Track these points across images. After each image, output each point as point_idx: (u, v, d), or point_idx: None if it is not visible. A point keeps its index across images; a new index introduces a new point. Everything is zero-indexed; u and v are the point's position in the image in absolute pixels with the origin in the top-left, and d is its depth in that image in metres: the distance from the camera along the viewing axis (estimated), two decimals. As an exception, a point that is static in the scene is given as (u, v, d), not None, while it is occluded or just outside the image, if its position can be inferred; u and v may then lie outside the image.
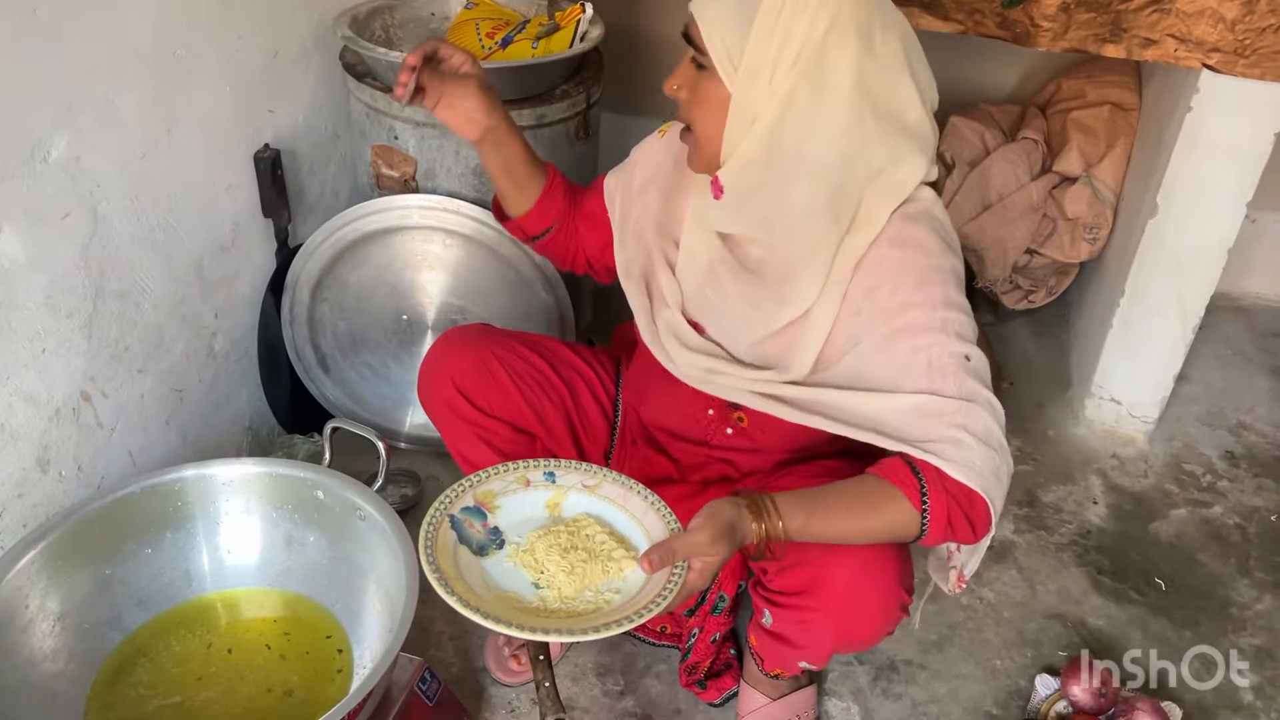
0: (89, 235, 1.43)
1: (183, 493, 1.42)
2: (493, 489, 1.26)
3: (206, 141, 1.64)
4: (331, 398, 1.97)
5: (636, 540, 1.22)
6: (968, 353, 1.15)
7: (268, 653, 1.39)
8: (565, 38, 1.84)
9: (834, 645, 1.33)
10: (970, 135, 2.38)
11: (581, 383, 1.54)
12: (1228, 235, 1.93)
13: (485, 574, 1.18)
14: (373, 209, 1.83)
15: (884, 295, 1.18)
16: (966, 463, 1.10)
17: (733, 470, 1.46)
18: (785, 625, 1.33)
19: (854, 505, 1.15)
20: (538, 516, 1.25)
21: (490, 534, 1.22)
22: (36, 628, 1.28)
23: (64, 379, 1.43)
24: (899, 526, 1.14)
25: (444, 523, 1.19)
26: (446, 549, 1.16)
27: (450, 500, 1.22)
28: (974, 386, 1.13)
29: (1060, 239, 2.31)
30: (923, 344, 1.15)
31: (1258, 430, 2.29)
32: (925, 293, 1.16)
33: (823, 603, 1.25)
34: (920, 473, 1.12)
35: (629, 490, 1.26)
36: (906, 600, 1.27)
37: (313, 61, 1.88)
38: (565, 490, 1.28)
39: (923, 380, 1.14)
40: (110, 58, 1.40)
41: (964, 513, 1.12)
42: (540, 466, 1.29)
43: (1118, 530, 2.00)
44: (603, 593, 1.16)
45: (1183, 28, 1.72)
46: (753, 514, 1.11)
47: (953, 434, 1.11)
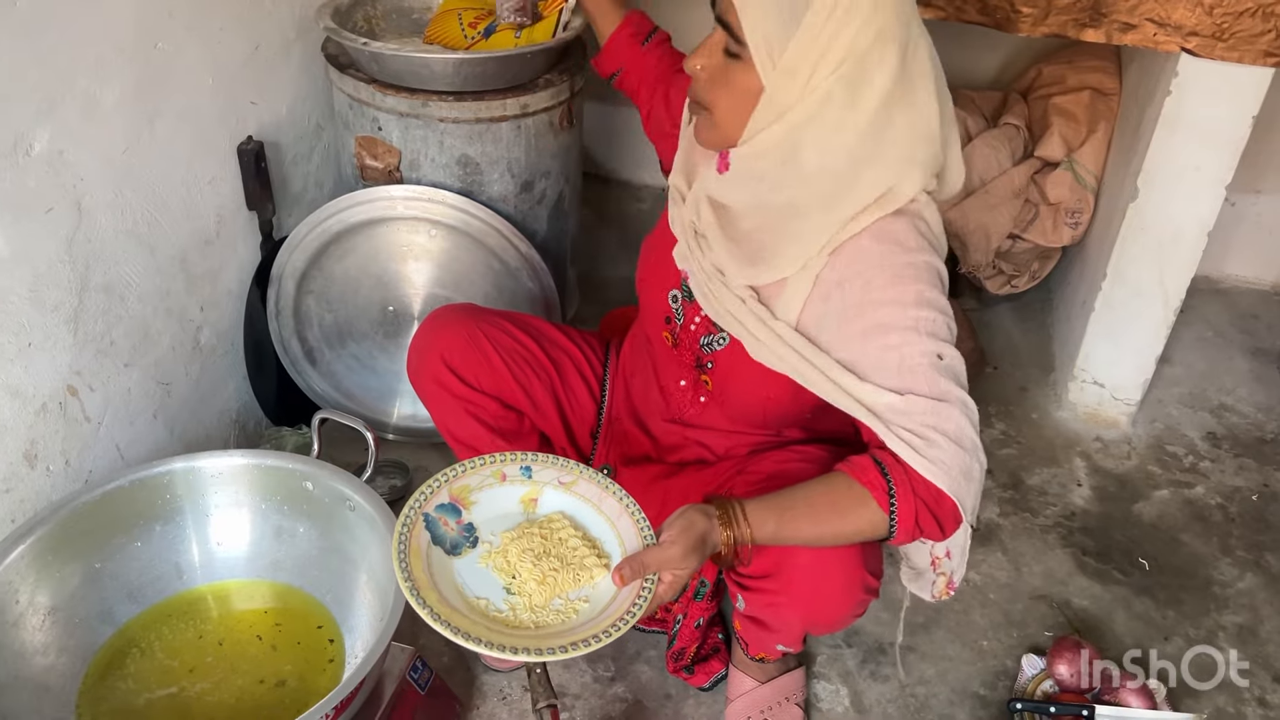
0: (73, 229, 1.42)
1: (171, 485, 1.42)
2: (469, 484, 1.24)
3: (189, 134, 1.63)
4: (319, 390, 1.97)
5: (608, 543, 1.21)
6: (940, 351, 1.13)
7: (259, 644, 1.39)
8: (548, 27, 1.84)
9: (802, 627, 1.35)
10: (952, 121, 2.39)
11: (569, 362, 1.55)
12: (1207, 218, 1.94)
13: (456, 575, 1.17)
14: (357, 200, 1.83)
15: (856, 289, 1.16)
16: (936, 461, 1.09)
17: (708, 453, 1.48)
18: (756, 609, 1.35)
19: (822, 511, 1.15)
20: (512, 512, 1.25)
21: (464, 531, 1.21)
22: (27, 622, 1.28)
23: (49, 373, 1.43)
24: (867, 528, 1.13)
25: (418, 523, 1.18)
26: (419, 552, 1.15)
27: (425, 497, 1.20)
28: (946, 386, 1.12)
29: (1042, 224, 2.33)
30: (894, 343, 1.13)
31: (1239, 411, 2.32)
32: (898, 290, 1.14)
33: (786, 585, 1.26)
34: (888, 473, 1.11)
35: (605, 490, 1.25)
36: (872, 583, 1.27)
37: (295, 53, 1.87)
38: (541, 486, 1.27)
39: (894, 379, 1.12)
40: (91, 51, 1.40)
41: (931, 513, 1.11)
42: (517, 461, 1.27)
43: (1101, 512, 2.02)
44: (572, 600, 1.15)
45: (1161, 12, 1.74)
46: (723, 523, 1.12)
47: (924, 433, 1.10)
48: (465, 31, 1.86)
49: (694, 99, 1.22)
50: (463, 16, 1.87)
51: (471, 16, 1.87)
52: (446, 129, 1.78)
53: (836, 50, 1.10)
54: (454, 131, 1.78)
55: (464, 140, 1.80)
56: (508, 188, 1.87)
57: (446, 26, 1.87)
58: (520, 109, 1.80)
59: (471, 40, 1.85)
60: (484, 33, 1.85)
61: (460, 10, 1.89)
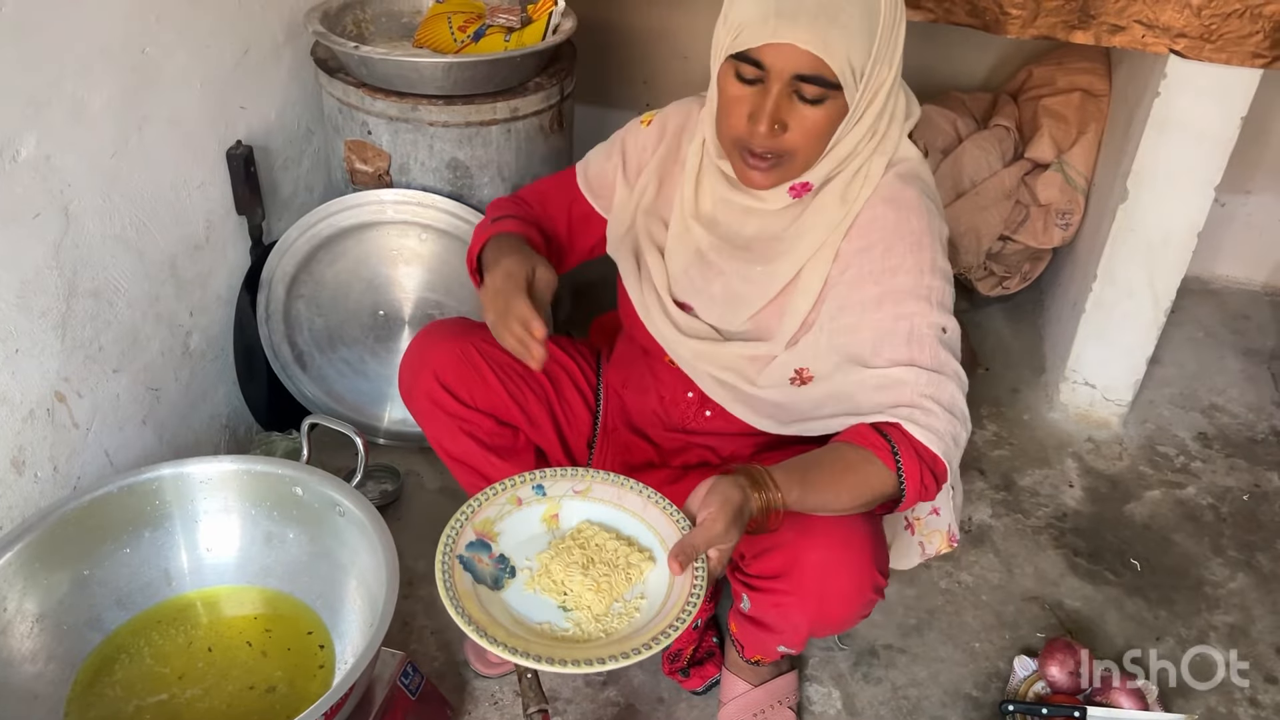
0: (60, 234, 1.42)
1: (160, 492, 1.42)
2: (489, 516, 1.21)
3: (178, 139, 1.63)
4: (309, 394, 1.97)
5: (644, 538, 1.21)
6: (945, 324, 1.22)
7: (249, 650, 1.39)
8: (538, 30, 1.84)
9: (810, 628, 1.34)
10: (942, 123, 2.40)
11: (563, 373, 1.54)
12: (1197, 219, 1.95)
13: (510, 609, 1.14)
14: (347, 204, 1.83)
15: (876, 255, 1.23)
16: (931, 428, 1.17)
17: (712, 455, 1.48)
18: (762, 609, 1.35)
19: (839, 473, 1.17)
20: (538, 533, 1.23)
21: (498, 563, 1.18)
22: (15, 629, 1.28)
23: (37, 379, 1.42)
24: (881, 489, 1.17)
25: (455, 567, 1.14)
26: (470, 595, 1.12)
27: (452, 541, 1.16)
28: (945, 358, 1.20)
29: (1033, 225, 2.33)
30: (906, 312, 1.21)
31: (1230, 411, 2.32)
32: (916, 257, 1.22)
33: (796, 585, 1.26)
34: (889, 437, 1.17)
35: (622, 487, 1.25)
36: (881, 582, 1.28)
37: (284, 57, 1.87)
38: (558, 500, 1.25)
39: (901, 350, 1.20)
40: (78, 55, 1.39)
41: (932, 473, 1.18)
42: (528, 481, 1.25)
43: (1093, 512, 2.02)
44: (629, 600, 1.15)
45: (1150, 14, 1.74)
46: (755, 488, 1.12)
47: (921, 401, 1.18)
48: (455, 35, 1.86)
49: (769, 150, 1.19)
50: (452, 20, 1.87)
51: (461, 20, 1.87)
52: (436, 133, 1.78)
53: (899, 48, 1.17)
54: (444, 135, 1.78)
55: (454, 144, 1.79)
56: (498, 191, 1.86)
57: (436, 30, 1.87)
58: (510, 113, 1.80)
59: (461, 44, 1.85)
60: (474, 36, 1.85)
61: (450, 14, 1.89)
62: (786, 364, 1.29)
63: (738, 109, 1.18)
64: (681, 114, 1.40)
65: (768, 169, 1.21)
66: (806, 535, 1.23)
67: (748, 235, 1.31)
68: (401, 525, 1.85)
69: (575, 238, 1.50)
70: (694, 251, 1.35)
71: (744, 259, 1.31)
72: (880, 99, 1.19)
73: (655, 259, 1.38)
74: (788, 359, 1.29)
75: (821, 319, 1.27)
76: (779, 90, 1.14)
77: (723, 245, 1.32)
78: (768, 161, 1.20)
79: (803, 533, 1.22)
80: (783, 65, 1.13)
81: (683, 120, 1.39)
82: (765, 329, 1.32)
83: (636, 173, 1.43)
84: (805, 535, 1.23)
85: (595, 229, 1.48)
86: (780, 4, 1.11)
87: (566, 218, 1.48)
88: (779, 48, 1.12)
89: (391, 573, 1.25)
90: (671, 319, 1.37)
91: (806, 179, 1.24)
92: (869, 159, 1.24)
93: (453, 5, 1.92)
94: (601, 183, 1.47)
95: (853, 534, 1.23)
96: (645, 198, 1.40)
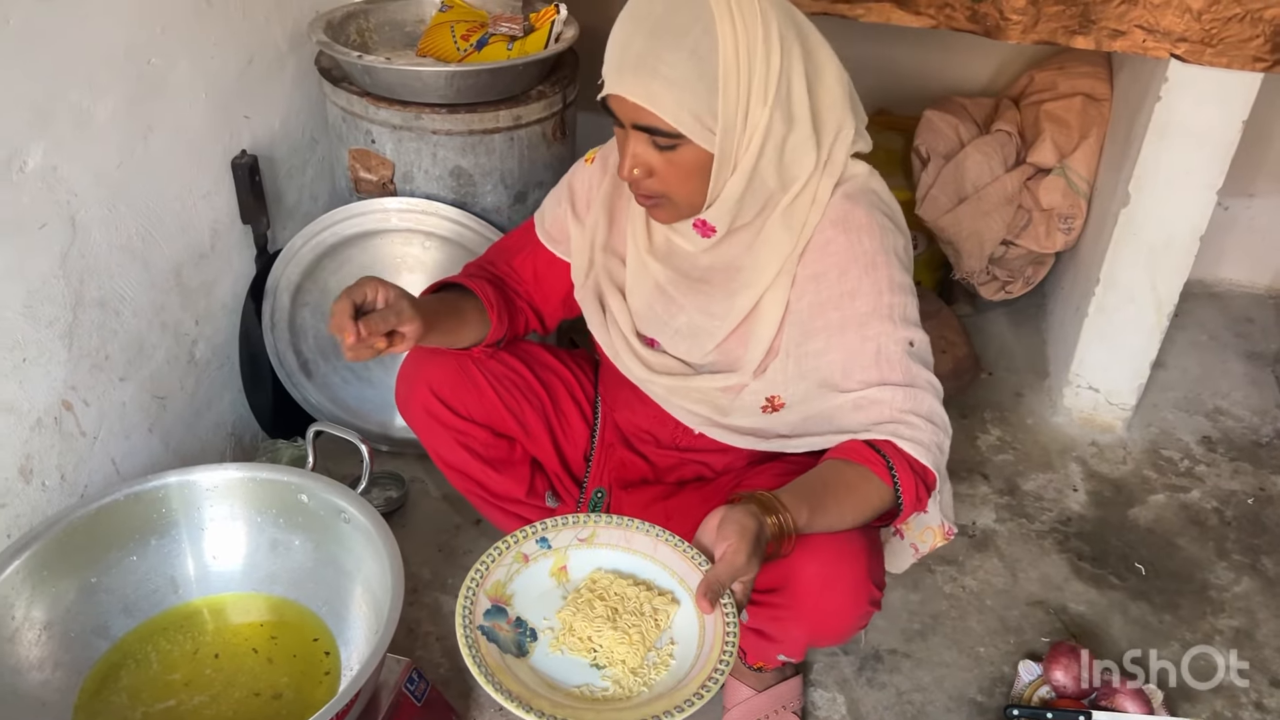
0: (67, 244, 1.43)
1: (167, 499, 1.42)
2: (498, 579, 1.17)
3: (183, 148, 1.64)
4: (314, 402, 1.98)
5: (661, 580, 1.18)
6: (911, 338, 1.23)
7: (255, 657, 1.39)
8: (540, 39, 1.84)
9: (807, 639, 1.34)
10: (944, 128, 2.40)
11: (560, 385, 1.55)
12: (1199, 222, 1.95)
13: (541, 675, 1.10)
14: (351, 213, 1.84)
15: (831, 281, 1.24)
16: (917, 440, 1.19)
17: (707, 470, 1.48)
18: (760, 621, 1.34)
19: (842, 492, 1.18)
20: (549, 589, 1.18)
21: (517, 627, 1.14)
22: (22, 637, 1.28)
23: (45, 388, 1.43)
24: (880, 505, 1.19)
25: (480, 640, 1.09)
26: (502, 668, 1.07)
27: (469, 611, 1.12)
28: (915, 370, 1.22)
29: (1036, 230, 2.33)
30: (871, 334, 1.22)
31: (1234, 415, 2.32)
32: (872, 278, 1.23)
33: (793, 598, 1.25)
34: (881, 450, 1.18)
35: (627, 529, 1.21)
36: (876, 595, 1.27)
37: (288, 67, 1.88)
38: (564, 551, 1.21)
39: (871, 371, 1.22)
40: (84, 66, 1.40)
41: (924, 484, 1.19)
42: (530, 536, 1.21)
43: (1097, 517, 2.02)
44: (660, 649, 1.12)
45: (1150, 18, 1.75)
46: (766, 513, 1.11)
47: (902, 416, 1.20)
48: (458, 44, 1.86)
49: (643, 194, 1.22)
50: (455, 29, 1.88)
51: (464, 29, 1.88)
52: (439, 141, 1.79)
53: (758, 85, 1.15)
54: (447, 144, 1.79)
55: (457, 152, 1.80)
56: (501, 199, 1.87)
57: (439, 39, 1.88)
58: (513, 121, 1.81)
59: (464, 53, 1.86)
60: (476, 45, 1.86)
61: (453, 23, 1.90)
62: (757, 392, 1.30)
63: (620, 150, 1.20)
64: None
65: (653, 207, 1.24)
66: (802, 548, 1.20)
67: (704, 267, 1.31)
68: (407, 532, 1.86)
69: (545, 287, 1.49)
70: (653, 286, 1.35)
71: (703, 291, 1.32)
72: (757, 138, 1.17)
73: (617, 300, 1.39)
74: (758, 387, 1.30)
75: (787, 345, 1.27)
76: (630, 137, 1.17)
77: (680, 279, 1.33)
78: (650, 200, 1.22)
79: (799, 546, 1.20)
80: (624, 115, 1.15)
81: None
82: (732, 359, 1.32)
83: (586, 210, 1.43)
84: (801, 548, 1.20)
85: (563, 276, 1.47)
86: (611, 58, 1.14)
87: (533, 268, 1.48)
88: (616, 99, 1.14)
89: (397, 579, 1.26)
90: (640, 358, 1.38)
91: (706, 219, 1.24)
92: (817, 181, 1.24)
93: (456, 14, 1.93)
94: (558, 229, 1.46)
95: (847, 548, 1.22)
96: (598, 235, 1.40)
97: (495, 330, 1.44)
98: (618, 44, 1.14)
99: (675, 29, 1.10)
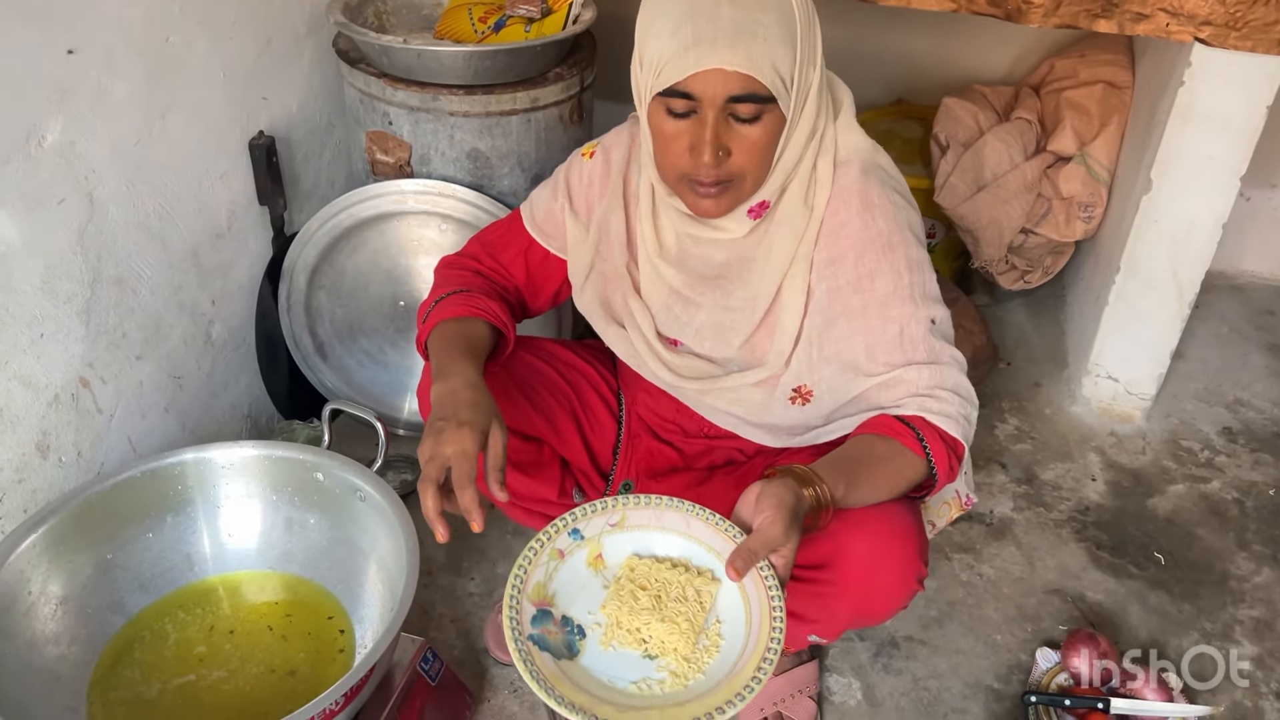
0: (85, 220, 1.43)
1: (183, 476, 1.42)
2: (538, 580, 1.14)
3: (201, 128, 1.64)
4: (329, 384, 1.98)
5: (697, 558, 1.16)
6: (933, 315, 1.23)
7: (270, 634, 1.39)
8: (558, 21, 1.84)
9: (850, 619, 1.31)
10: (964, 116, 2.38)
11: (584, 382, 1.52)
12: (1222, 209, 1.93)
13: (596, 676, 1.08)
14: (368, 195, 1.84)
15: (849, 264, 1.23)
16: (945, 413, 1.19)
17: (738, 454, 1.47)
18: (799, 599, 1.30)
19: (875, 465, 1.18)
20: (589, 581, 1.16)
21: (564, 627, 1.12)
22: (39, 611, 1.28)
23: (62, 364, 1.43)
24: (913, 477, 1.19)
25: (532, 650, 1.06)
26: (559, 677, 1.05)
27: (516, 621, 1.08)
28: (939, 347, 1.22)
29: (1055, 218, 2.31)
30: (893, 315, 1.22)
31: (1255, 406, 2.30)
32: (890, 259, 1.22)
33: (841, 575, 1.23)
34: (911, 424, 1.18)
35: (657, 508, 1.18)
36: (924, 573, 1.26)
37: (306, 48, 1.88)
38: (597, 540, 1.18)
39: (896, 353, 1.22)
40: (102, 44, 1.40)
41: (955, 454, 1.19)
42: (562, 530, 1.17)
43: (1116, 506, 2.00)
44: (708, 629, 1.11)
45: (1174, 2, 1.73)
46: (804, 486, 1.10)
47: (929, 391, 1.20)
48: (475, 25, 1.86)
49: (722, 177, 1.16)
50: (473, 11, 1.88)
51: (482, 11, 1.88)
52: (457, 123, 1.78)
53: (819, 47, 1.17)
54: (464, 125, 1.79)
55: (474, 134, 1.80)
56: (518, 182, 1.87)
57: (457, 21, 1.88)
58: (530, 103, 1.80)
59: (482, 34, 1.85)
60: (494, 26, 1.85)
61: (470, 5, 1.89)
62: (785, 385, 1.29)
63: (676, 145, 1.16)
64: (623, 143, 1.37)
65: (718, 195, 1.19)
66: (851, 525, 1.20)
67: (719, 263, 1.29)
68: (421, 515, 1.85)
69: (537, 282, 1.44)
70: (668, 290, 1.33)
71: (721, 288, 1.30)
72: (813, 101, 1.18)
73: (637, 303, 1.35)
74: (786, 379, 1.29)
75: (809, 333, 1.26)
76: (715, 117, 1.12)
77: (695, 281, 1.31)
78: (717, 188, 1.18)
79: (846, 523, 1.19)
80: (714, 91, 1.10)
81: (625, 150, 1.36)
82: (759, 352, 1.31)
83: (586, 207, 1.39)
84: (850, 525, 1.20)
85: (556, 271, 1.43)
86: (697, 32, 1.09)
87: (524, 264, 1.43)
88: (706, 75, 1.09)
89: (412, 557, 1.26)
90: (666, 364, 1.35)
91: (761, 197, 1.22)
92: (815, 161, 1.23)
93: (473, -3, 1.93)
94: (551, 224, 1.42)
95: (897, 524, 1.22)
96: (615, 234, 1.36)
97: (506, 346, 1.39)
98: (704, 16, 1.09)
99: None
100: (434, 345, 1.29)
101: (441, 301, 1.34)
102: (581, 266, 1.40)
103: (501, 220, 1.48)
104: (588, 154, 1.40)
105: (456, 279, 1.39)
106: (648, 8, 1.17)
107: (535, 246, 1.43)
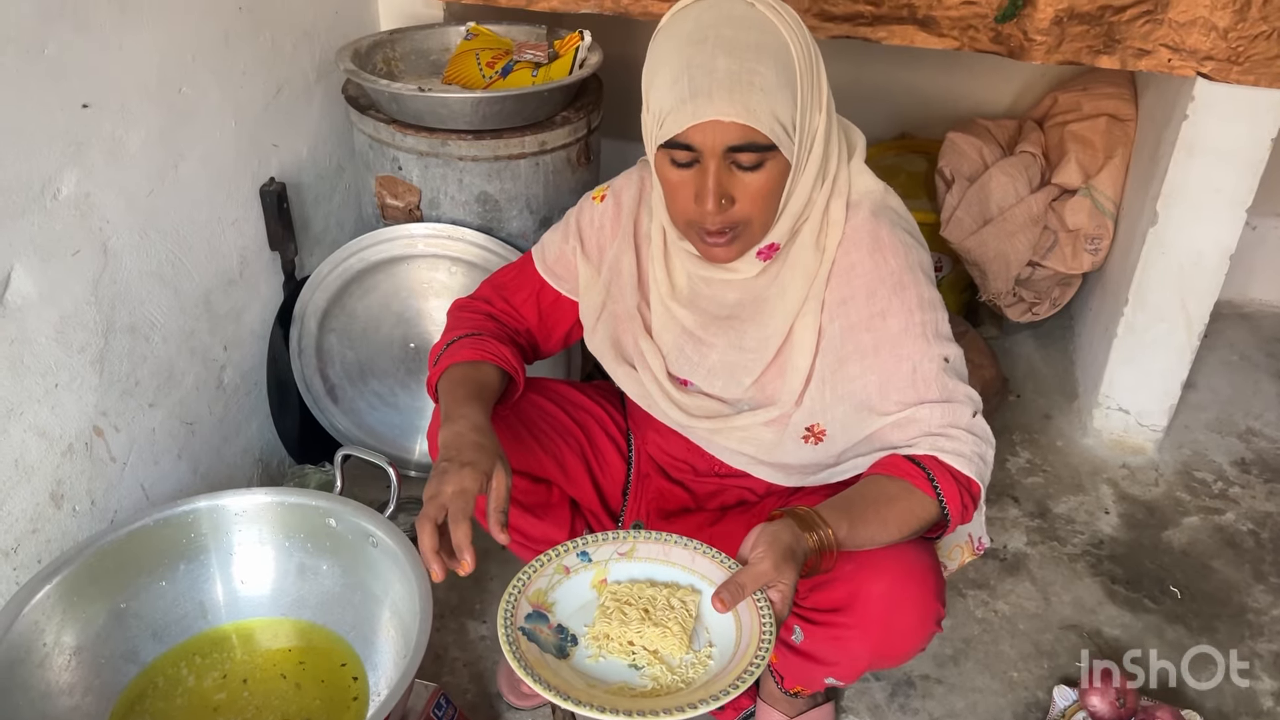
0: (99, 271, 1.44)
1: (196, 524, 1.43)
2: (540, 587, 1.17)
3: (212, 176, 1.66)
4: (341, 427, 1.98)
5: (699, 588, 1.18)
6: (946, 354, 1.23)
7: (283, 682, 1.39)
8: (565, 65, 1.86)
9: (869, 661, 1.30)
10: (968, 150, 2.40)
11: (594, 423, 1.52)
12: (1228, 241, 1.93)
13: (581, 674, 1.11)
14: (378, 239, 1.85)
15: (860, 304, 1.23)
16: (958, 452, 1.18)
17: (749, 494, 1.46)
18: (817, 643, 1.31)
19: (883, 506, 1.17)
20: (590, 600, 1.19)
21: (558, 633, 1.15)
22: (53, 662, 1.28)
23: (76, 414, 1.44)
24: (925, 517, 1.17)
25: (520, 639, 1.10)
26: (543, 663, 1.08)
27: (511, 614, 1.12)
28: (952, 385, 1.22)
29: (1062, 251, 2.32)
30: (905, 354, 1.21)
31: (1267, 436, 2.29)
32: (901, 298, 1.22)
33: (860, 618, 1.23)
34: (923, 465, 1.17)
35: (666, 544, 1.21)
36: (942, 613, 1.25)
37: (316, 95, 1.90)
38: (605, 565, 1.21)
39: (908, 392, 1.21)
40: (117, 96, 1.42)
41: (969, 494, 1.18)
42: (573, 549, 1.21)
43: (1130, 539, 1.99)
44: (699, 651, 1.12)
45: (1176, 37, 1.74)
46: (804, 528, 1.10)
47: (943, 430, 1.19)
48: (483, 71, 1.88)
49: (726, 224, 1.17)
50: (480, 57, 1.89)
51: (489, 56, 1.90)
52: (465, 167, 1.80)
53: (822, 92, 1.17)
54: (473, 169, 1.80)
55: (483, 178, 1.81)
56: (527, 224, 1.88)
57: (464, 66, 1.90)
58: (538, 146, 1.82)
59: (489, 79, 1.87)
60: (501, 72, 1.87)
61: (478, 50, 1.91)
62: (797, 424, 1.29)
63: (682, 193, 1.17)
64: (633, 186, 1.38)
65: (727, 243, 1.19)
66: (869, 567, 1.20)
67: (731, 303, 1.30)
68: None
69: (549, 324, 1.45)
70: (680, 330, 1.34)
71: (734, 329, 1.30)
72: (819, 144, 1.18)
73: (648, 344, 1.36)
74: (797, 419, 1.29)
75: (822, 372, 1.26)
76: (716, 166, 1.12)
77: (707, 321, 1.31)
78: (725, 236, 1.18)
79: (864, 565, 1.20)
80: (713, 142, 1.11)
81: (635, 193, 1.37)
82: (769, 391, 1.31)
83: (597, 250, 1.40)
84: (867, 567, 1.20)
85: (568, 313, 1.44)
86: (694, 84, 1.09)
87: (536, 307, 1.44)
88: (703, 127, 1.10)
89: (425, 604, 1.25)
90: (677, 404, 1.36)
91: (771, 240, 1.23)
92: (828, 203, 1.23)
93: (481, 42, 1.95)
94: (563, 266, 1.43)
95: (915, 565, 1.22)
96: (626, 275, 1.36)
97: (516, 390, 1.40)
98: (699, 69, 1.10)
99: (753, 43, 1.10)
100: (443, 389, 1.30)
101: (453, 345, 1.35)
102: (593, 308, 1.40)
103: (513, 263, 1.49)
104: (598, 197, 1.41)
105: (469, 322, 1.40)
106: (651, 58, 1.18)
107: (547, 289, 1.44)
